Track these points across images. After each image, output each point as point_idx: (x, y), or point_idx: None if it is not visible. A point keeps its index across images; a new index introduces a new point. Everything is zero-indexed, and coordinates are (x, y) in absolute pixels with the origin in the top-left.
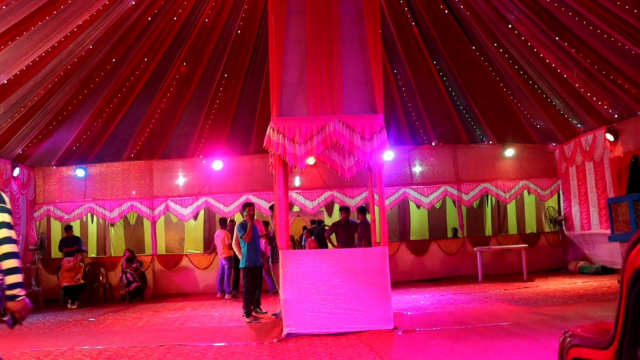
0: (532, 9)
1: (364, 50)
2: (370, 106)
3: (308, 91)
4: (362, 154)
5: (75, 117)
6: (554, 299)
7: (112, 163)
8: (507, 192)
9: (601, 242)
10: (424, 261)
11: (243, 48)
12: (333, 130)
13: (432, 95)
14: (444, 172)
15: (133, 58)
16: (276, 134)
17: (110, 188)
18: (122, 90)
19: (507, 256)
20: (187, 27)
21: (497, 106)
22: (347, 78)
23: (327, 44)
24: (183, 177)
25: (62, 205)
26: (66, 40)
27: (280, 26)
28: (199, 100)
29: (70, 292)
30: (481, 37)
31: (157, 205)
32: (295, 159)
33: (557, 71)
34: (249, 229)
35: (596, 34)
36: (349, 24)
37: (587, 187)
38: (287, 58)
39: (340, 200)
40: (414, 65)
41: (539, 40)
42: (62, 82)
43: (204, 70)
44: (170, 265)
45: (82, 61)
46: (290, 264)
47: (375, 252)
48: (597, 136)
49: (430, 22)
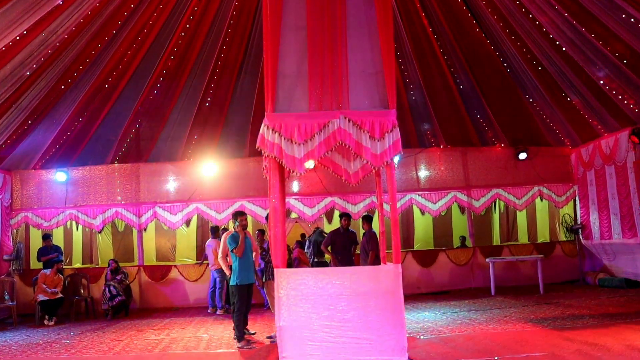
0: None
1: (374, 36)
2: (381, 101)
3: (308, 83)
4: (371, 156)
5: (53, 115)
6: (583, 319)
7: (95, 166)
8: (520, 198)
9: (624, 252)
10: (431, 273)
11: (236, 40)
12: (337, 128)
13: (442, 94)
14: (453, 176)
15: (116, 51)
16: (271, 133)
17: (94, 193)
18: (105, 86)
19: (520, 267)
20: (175, 15)
21: (511, 105)
22: (353, 68)
23: (331, 29)
24: (172, 182)
25: (41, 212)
26: (37, 28)
27: (276, 10)
28: (189, 98)
29: (47, 307)
30: (497, 29)
31: (144, 212)
32: (293, 162)
33: (579, 66)
34: (240, 242)
35: (629, 23)
36: (355, 6)
37: (608, 193)
38: (284, 45)
39: (341, 207)
40: (423, 61)
41: (562, 31)
42: (35, 75)
43: (194, 65)
44: (158, 277)
45: (57, 53)
46: (287, 285)
47: (387, 270)
48: (619, 138)
49: (442, 13)
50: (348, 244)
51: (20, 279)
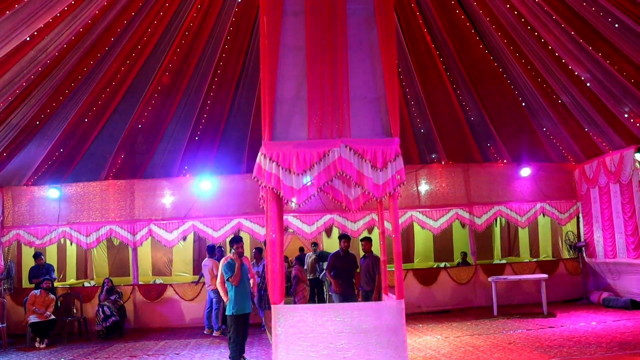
0: (562, 14)
1: (376, 58)
2: (383, 128)
3: (307, 109)
4: (373, 186)
5: (46, 132)
6: (590, 347)
7: (89, 183)
8: (522, 215)
9: (629, 272)
10: (432, 291)
11: (233, 55)
12: (338, 157)
13: (443, 109)
14: (454, 193)
15: (110, 67)
16: (268, 162)
17: (87, 210)
18: (98, 102)
19: (522, 285)
20: (170, 32)
21: (513, 121)
22: (354, 93)
23: (331, 51)
24: (168, 199)
25: (33, 229)
26: (26, 46)
27: (274, 30)
28: (185, 113)
29: (39, 329)
30: (501, 46)
31: (139, 229)
32: (291, 192)
33: (585, 84)
34: (236, 271)
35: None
36: (357, 27)
37: (612, 211)
38: (282, 68)
39: (340, 224)
40: (425, 76)
41: (568, 49)
42: (26, 93)
43: (190, 80)
44: (153, 297)
45: (48, 70)
46: (285, 323)
47: (389, 307)
48: (624, 156)
49: (445, 29)
50: (349, 267)
51: (11, 298)
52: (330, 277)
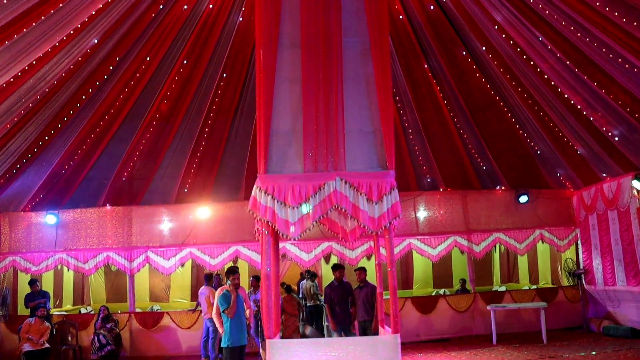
0: (558, 44)
1: (371, 92)
2: (379, 161)
3: (303, 142)
4: (368, 220)
5: (44, 158)
6: None
7: (86, 209)
8: (521, 242)
9: (628, 300)
10: (431, 319)
11: (231, 85)
12: (333, 191)
13: (441, 137)
14: (452, 220)
15: (108, 94)
16: (264, 196)
17: (84, 237)
18: (96, 129)
19: (522, 313)
20: (168, 61)
21: (511, 148)
22: (350, 126)
23: (327, 84)
24: (165, 226)
25: (29, 256)
26: (25, 75)
27: (270, 62)
28: (183, 140)
29: (33, 358)
30: (500, 77)
31: (136, 256)
32: (287, 226)
33: (582, 113)
34: (232, 303)
35: (632, 72)
36: (352, 60)
37: (611, 239)
38: (277, 101)
39: (339, 252)
40: (422, 105)
41: (565, 79)
42: (24, 120)
43: (188, 108)
44: (150, 325)
45: (46, 98)
46: (279, 357)
47: (385, 342)
48: (622, 183)
49: (444, 61)
50: (344, 297)
51: (6, 326)
52: (327, 311)
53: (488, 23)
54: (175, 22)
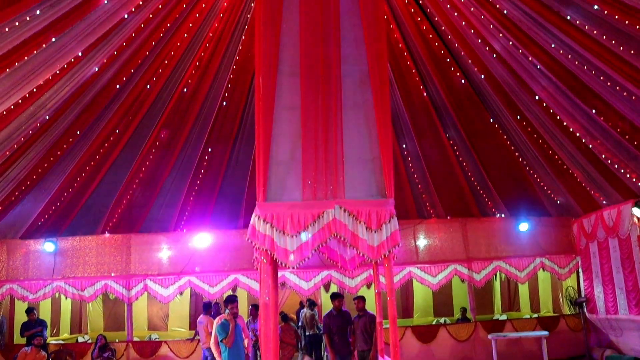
0: (558, 74)
1: (370, 120)
2: (378, 189)
3: (302, 170)
4: (367, 248)
5: (42, 186)
6: None
7: (85, 237)
8: (522, 270)
9: (631, 329)
10: (431, 349)
11: (230, 113)
12: (332, 219)
13: (440, 165)
14: (452, 248)
15: (108, 122)
16: (262, 224)
17: (83, 265)
18: (96, 157)
19: (523, 342)
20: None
21: (511, 176)
22: (349, 154)
23: (326, 112)
24: (164, 253)
25: (27, 284)
26: (25, 102)
27: (269, 91)
28: (182, 168)
29: None
30: (499, 105)
31: (134, 284)
32: (285, 254)
33: (581, 140)
34: (230, 332)
35: (630, 100)
36: (351, 88)
37: (612, 266)
38: (276, 129)
39: (338, 280)
40: (422, 133)
41: (563, 107)
42: (24, 147)
43: (188, 136)
44: (147, 354)
45: (46, 125)
46: None
47: None
48: (622, 210)
49: (443, 89)
50: (344, 326)
51: (2, 354)
52: (326, 341)
53: (486, 51)
54: (175, 51)
